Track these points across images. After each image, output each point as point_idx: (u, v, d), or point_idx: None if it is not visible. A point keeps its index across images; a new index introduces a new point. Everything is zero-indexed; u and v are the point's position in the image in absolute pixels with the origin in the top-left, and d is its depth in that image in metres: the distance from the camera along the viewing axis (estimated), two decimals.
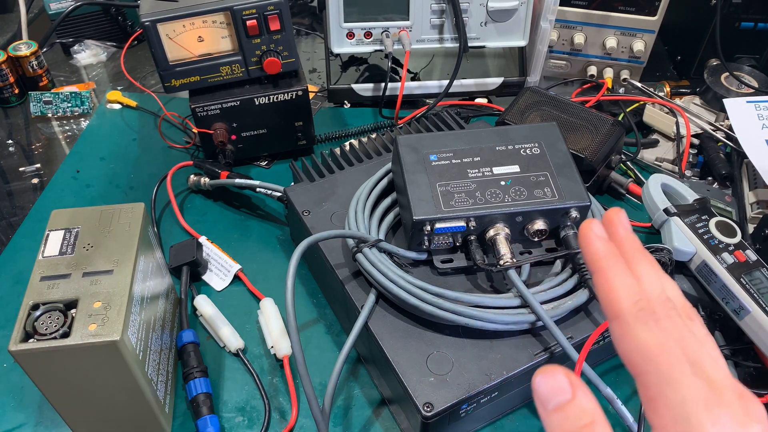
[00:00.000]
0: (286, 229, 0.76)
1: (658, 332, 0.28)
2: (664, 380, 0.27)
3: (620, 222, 0.33)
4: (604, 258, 0.31)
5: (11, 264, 0.72)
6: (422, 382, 0.51)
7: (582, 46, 0.92)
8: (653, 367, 0.28)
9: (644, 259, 0.32)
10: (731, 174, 0.77)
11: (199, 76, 0.75)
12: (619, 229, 0.33)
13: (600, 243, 0.32)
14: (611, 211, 0.34)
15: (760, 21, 0.88)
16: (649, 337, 0.28)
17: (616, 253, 0.32)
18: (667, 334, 0.28)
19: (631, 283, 0.30)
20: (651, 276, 0.31)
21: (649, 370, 0.28)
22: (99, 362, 0.47)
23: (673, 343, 0.28)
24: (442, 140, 0.61)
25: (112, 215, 0.54)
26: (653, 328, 0.29)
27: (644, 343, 0.28)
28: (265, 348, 0.63)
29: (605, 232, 0.33)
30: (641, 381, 0.28)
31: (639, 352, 0.28)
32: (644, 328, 0.29)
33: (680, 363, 0.28)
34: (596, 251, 0.32)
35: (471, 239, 0.58)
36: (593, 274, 0.32)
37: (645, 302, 0.29)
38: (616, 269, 0.31)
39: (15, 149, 0.89)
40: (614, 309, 0.30)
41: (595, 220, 0.33)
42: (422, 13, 0.85)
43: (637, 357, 0.28)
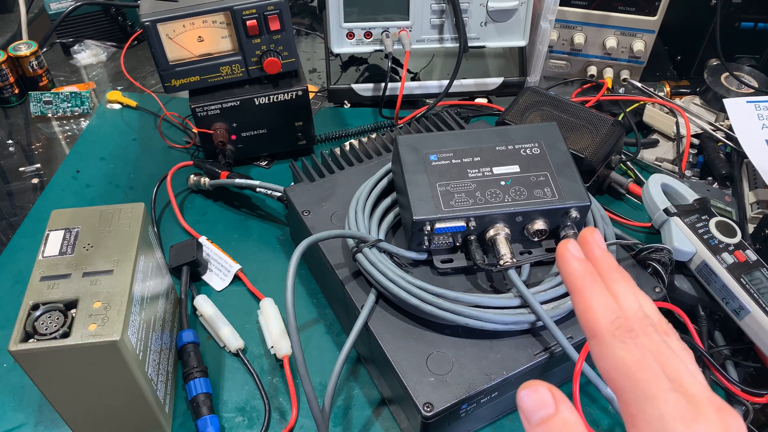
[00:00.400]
0: (286, 229, 0.76)
1: (635, 349, 0.29)
2: (642, 396, 0.28)
3: (595, 241, 0.34)
4: (581, 277, 0.32)
5: (11, 264, 0.72)
6: (422, 382, 0.51)
7: (582, 46, 0.92)
8: (632, 383, 0.28)
9: (620, 278, 0.32)
10: (731, 174, 0.77)
11: (199, 76, 0.75)
12: (595, 248, 0.34)
13: (576, 263, 0.33)
14: (586, 231, 0.34)
15: (760, 21, 0.88)
16: (627, 355, 0.29)
17: (593, 272, 0.32)
18: (645, 351, 0.29)
19: (608, 301, 0.31)
20: (627, 293, 0.32)
21: (628, 386, 0.28)
22: (99, 362, 0.47)
23: (651, 359, 0.29)
24: (442, 140, 0.61)
25: (112, 215, 0.54)
26: (631, 345, 0.29)
27: (622, 360, 0.29)
28: (265, 348, 0.63)
29: (581, 251, 0.33)
30: (621, 398, 0.29)
31: (617, 370, 0.29)
32: (622, 346, 0.29)
33: (658, 379, 0.28)
34: (573, 271, 0.32)
35: (471, 239, 0.58)
36: (571, 294, 0.32)
37: (622, 320, 0.30)
38: (593, 288, 0.31)
39: (15, 149, 0.89)
40: (592, 328, 0.30)
41: (571, 240, 0.34)
42: (422, 13, 0.85)
43: (616, 374, 0.29)
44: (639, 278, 0.59)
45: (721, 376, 0.56)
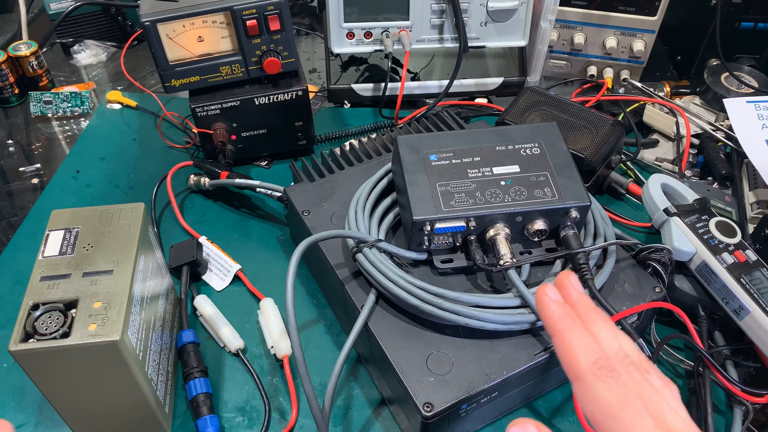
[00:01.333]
0: (286, 229, 0.76)
1: (618, 389, 0.29)
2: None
3: (572, 285, 0.34)
4: (560, 320, 0.32)
5: (11, 264, 0.72)
6: (422, 382, 0.51)
7: (582, 46, 0.92)
8: (616, 423, 0.28)
9: (599, 319, 0.33)
10: (731, 174, 0.77)
11: (199, 76, 0.75)
12: (572, 291, 0.34)
13: (555, 306, 0.33)
14: (562, 276, 0.35)
15: (760, 21, 0.88)
16: (610, 395, 0.29)
17: (572, 314, 0.33)
18: (628, 390, 0.29)
19: (589, 342, 0.31)
20: (607, 334, 0.32)
21: (613, 427, 0.28)
22: (99, 362, 0.47)
23: (634, 399, 0.29)
24: (442, 140, 0.61)
25: (112, 215, 0.54)
26: (613, 385, 0.29)
27: (605, 400, 0.29)
28: (265, 348, 0.63)
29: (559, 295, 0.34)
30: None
31: (601, 411, 0.29)
32: (605, 386, 0.29)
33: (642, 418, 0.28)
34: (552, 314, 0.33)
35: (471, 239, 0.58)
36: (552, 338, 0.33)
37: (604, 360, 0.30)
38: (572, 331, 0.32)
39: (15, 149, 0.89)
40: (574, 369, 0.31)
41: (548, 285, 0.34)
42: (422, 13, 0.85)
43: (600, 415, 0.29)
44: (639, 278, 0.59)
45: (721, 376, 0.56)
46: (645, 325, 0.62)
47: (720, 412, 0.58)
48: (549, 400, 0.59)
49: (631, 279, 0.59)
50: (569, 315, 0.33)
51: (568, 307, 0.33)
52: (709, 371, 0.57)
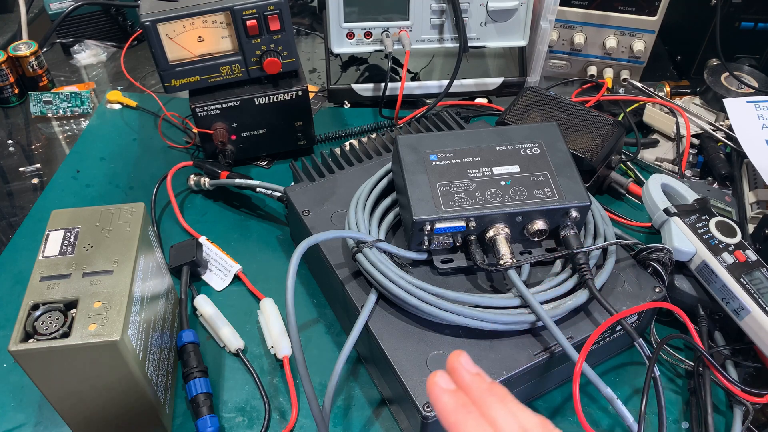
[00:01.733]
0: (286, 229, 0.76)
1: None
2: None
3: (462, 367, 0.32)
4: (453, 412, 0.30)
5: (11, 264, 0.72)
6: (422, 382, 0.51)
7: (582, 46, 0.92)
8: None
9: (494, 401, 0.31)
10: (731, 174, 0.77)
11: (199, 76, 0.75)
12: (464, 375, 0.32)
13: (447, 396, 0.31)
14: (452, 358, 0.32)
15: (760, 21, 0.88)
16: None
17: (465, 402, 0.31)
18: None
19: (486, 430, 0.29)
20: (504, 416, 0.30)
21: None
22: (99, 362, 0.47)
23: None
24: (442, 140, 0.61)
25: (112, 215, 0.54)
26: None
27: None
28: (265, 348, 0.63)
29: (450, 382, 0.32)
30: None
31: None
32: None
33: None
34: (444, 406, 0.31)
35: (471, 239, 0.58)
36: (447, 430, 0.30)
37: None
38: (467, 422, 0.30)
39: (15, 149, 0.89)
40: None
41: (438, 372, 0.32)
42: (422, 13, 0.85)
43: None
44: (639, 278, 0.59)
45: (721, 376, 0.56)
46: (645, 325, 0.62)
47: (720, 412, 0.58)
48: (549, 400, 0.59)
49: (631, 279, 0.59)
50: (462, 404, 0.31)
51: (461, 395, 0.31)
52: (709, 371, 0.57)
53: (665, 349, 0.62)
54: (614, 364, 0.62)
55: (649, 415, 0.57)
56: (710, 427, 0.54)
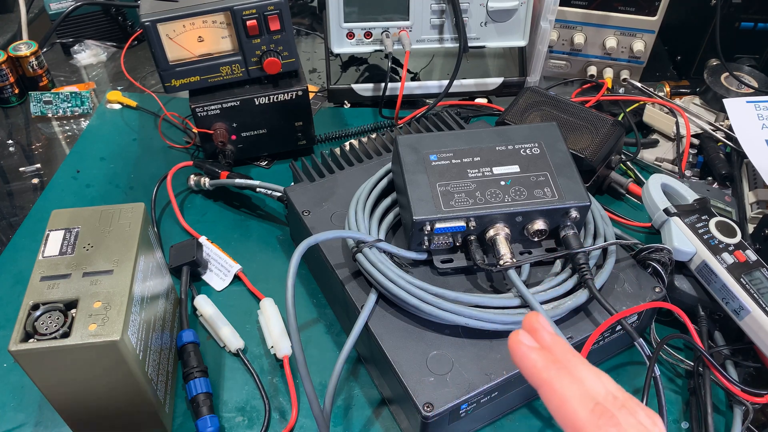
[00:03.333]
0: (286, 229, 0.76)
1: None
2: None
3: (543, 327, 0.32)
4: (545, 369, 0.30)
5: (11, 264, 0.72)
6: (422, 382, 0.51)
7: (582, 46, 0.92)
8: None
9: (578, 361, 0.31)
10: (731, 174, 0.77)
11: (199, 76, 0.75)
12: (545, 335, 0.32)
13: (535, 354, 0.31)
14: (531, 319, 0.32)
15: (760, 21, 0.88)
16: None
17: (555, 360, 0.31)
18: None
19: (580, 390, 0.30)
20: (591, 378, 0.30)
21: None
22: (99, 362, 0.47)
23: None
24: (442, 140, 0.61)
25: (112, 215, 0.54)
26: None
27: None
28: (265, 348, 0.63)
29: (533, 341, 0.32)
30: None
31: None
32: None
33: None
34: (534, 364, 0.31)
35: (471, 239, 0.58)
36: (538, 388, 0.30)
37: (600, 408, 0.29)
38: (561, 379, 0.30)
39: (15, 149, 0.89)
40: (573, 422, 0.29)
41: (520, 332, 0.32)
42: (422, 13, 0.85)
43: None
44: (639, 278, 0.59)
45: (721, 376, 0.56)
46: (645, 325, 0.62)
47: (720, 412, 0.58)
48: None
49: (631, 279, 0.59)
50: (552, 362, 0.31)
51: (548, 353, 0.31)
52: (709, 371, 0.57)
53: (665, 349, 0.62)
54: (614, 364, 0.62)
55: None
56: (710, 426, 0.55)
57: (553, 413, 0.30)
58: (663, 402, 0.53)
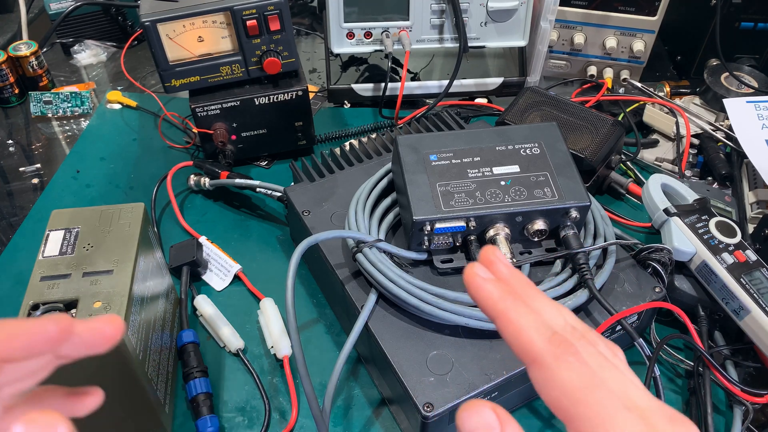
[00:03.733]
0: (286, 229, 0.76)
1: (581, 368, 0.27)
2: (598, 421, 0.25)
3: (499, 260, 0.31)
4: (501, 300, 0.29)
5: (11, 264, 0.72)
6: (422, 382, 0.51)
7: (582, 46, 0.92)
8: (584, 408, 0.26)
9: (536, 293, 0.30)
10: (731, 174, 0.77)
11: (199, 76, 0.75)
12: (501, 267, 0.31)
13: (491, 285, 0.30)
14: (487, 251, 0.31)
15: (760, 21, 0.88)
16: (575, 376, 0.27)
17: (511, 291, 0.30)
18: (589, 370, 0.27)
19: (537, 319, 0.28)
20: (550, 309, 0.30)
21: (581, 413, 0.26)
22: (99, 362, 0.46)
23: (598, 380, 0.27)
24: (442, 140, 0.61)
25: (112, 215, 0.54)
26: (575, 364, 0.27)
27: (571, 383, 0.26)
28: (265, 348, 0.63)
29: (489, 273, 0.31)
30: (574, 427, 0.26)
31: (567, 396, 0.26)
32: (567, 367, 0.27)
33: (611, 398, 0.26)
34: (489, 294, 0.30)
35: (471, 239, 0.58)
36: (495, 320, 0.29)
37: (558, 337, 0.28)
38: (518, 309, 0.29)
39: (15, 149, 0.89)
40: (531, 352, 0.28)
41: (475, 264, 0.31)
42: (422, 13, 0.85)
43: (566, 401, 0.26)
44: (639, 278, 0.59)
45: (721, 376, 0.56)
46: (645, 325, 0.62)
47: (720, 412, 0.58)
48: None
49: (631, 279, 0.59)
50: (509, 292, 0.29)
51: (504, 285, 0.30)
52: (709, 371, 0.57)
53: (665, 349, 0.62)
54: None
55: None
56: (710, 427, 0.54)
57: (510, 344, 0.29)
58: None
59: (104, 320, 0.33)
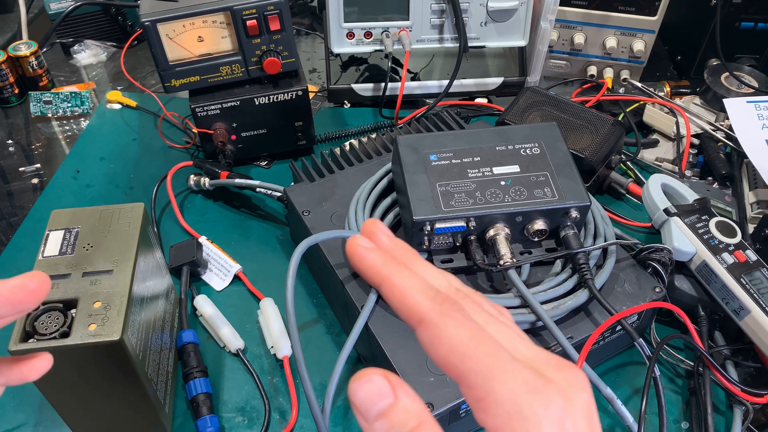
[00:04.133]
0: (286, 229, 0.76)
1: (467, 323, 0.27)
2: (488, 374, 0.25)
3: (381, 230, 0.31)
4: (384, 265, 0.29)
5: (11, 264, 0.72)
6: (422, 382, 0.51)
7: (582, 46, 0.92)
8: (474, 363, 0.26)
9: (419, 260, 0.31)
10: (731, 174, 0.77)
11: (199, 76, 0.75)
12: (383, 237, 0.31)
13: (374, 254, 0.30)
14: (368, 223, 0.32)
15: (760, 21, 0.88)
16: (462, 331, 0.26)
17: (394, 257, 0.30)
18: (475, 325, 0.27)
19: (421, 282, 0.28)
20: (433, 273, 0.30)
21: (471, 367, 0.26)
22: (99, 362, 0.46)
23: (485, 334, 0.26)
24: (442, 140, 0.61)
25: (112, 215, 0.54)
26: (461, 319, 0.27)
27: (458, 339, 0.26)
28: (265, 348, 0.63)
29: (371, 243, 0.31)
30: (465, 383, 0.26)
31: (456, 352, 0.26)
32: (454, 323, 0.27)
33: (498, 351, 0.26)
34: (373, 262, 0.29)
35: (471, 239, 0.58)
36: (379, 288, 0.29)
37: (443, 296, 0.28)
38: (401, 273, 0.29)
39: (15, 149, 0.89)
40: (416, 312, 0.28)
41: (357, 235, 0.31)
42: (422, 13, 0.85)
43: (455, 357, 0.26)
44: (639, 278, 0.59)
45: (721, 376, 0.56)
46: (645, 325, 0.62)
47: (720, 412, 0.58)
48: None
49: (631, 279, 0.59)
50: (392, 258, 0.29)
51: (387, 252, 0.30)
52: (709, 371, 0.57)
53: (665, 349, 0.62)
54: (614, 364, 0.62)
55: (649, 415, 0.57)
56: (710, 427, 0.54)
57: (397, 310, 0.29)
58: (663, 402, 0.53)
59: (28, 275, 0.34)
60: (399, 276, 0.29)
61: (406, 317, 0.28)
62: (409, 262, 0.30)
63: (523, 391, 0.24)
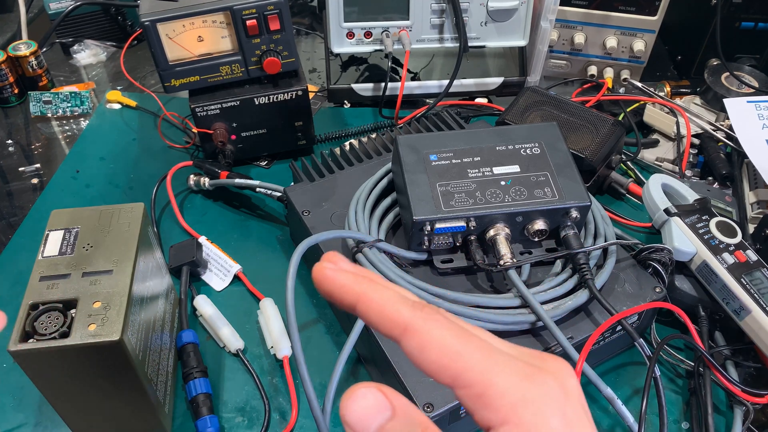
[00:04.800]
0: (286, 229, 0.76)
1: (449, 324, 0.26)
2: (484, 368, 0.25)
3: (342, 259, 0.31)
4: (357, 283, 0.29)
5: (11, 264, 0.72)
6: (422, 382, 0.51)
7: (582, 46, 0.92)
8: (467, 359, 0.25)
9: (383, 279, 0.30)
10: (731, 174, 0.77)
11: (198, 76, 0.75)
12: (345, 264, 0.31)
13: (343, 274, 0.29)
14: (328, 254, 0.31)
15: (760, 21, 0.88)
16: (449, 333, 0.26)
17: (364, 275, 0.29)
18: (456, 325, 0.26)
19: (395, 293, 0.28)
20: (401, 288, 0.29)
21: (465, 364, 0.25)
22: (99, 362, 0.46)
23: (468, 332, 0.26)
24: (442, 140, 0.61)
25: (111, 215, 0.54)
26: (444, 321, 0.26)
27: (447, 339, 0.26)
28: (265, 348, 0.63)
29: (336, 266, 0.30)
30: (461, 382, 0.25)
31: (447, 352, 0.26)
32: (438, 326, 0.26)
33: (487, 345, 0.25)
34: (345, 281, 0.29)
35: (471, 239, 0.57)
36: (354, 306, 0.29)
37: (420, 303, 0.27)
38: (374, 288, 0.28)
39: (15, 149, 0.89)
40: (399, 323, 0.27)
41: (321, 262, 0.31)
42: (422, 13, 0.85)
43: (447, 358, 0.25)
44: (639, 278, 0.59)
45: (722, 376, 0.56)
46: (645, 325, 0.62)
47: (720, 412, 0.58)
48: None
49: (632, 279, 0.59)
50: (362, 276, 0.29)
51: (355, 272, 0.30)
52: (710, 371, 0.57)
53: (665, 350, 0.62)
54: (614, 364, 0.62)
55: (650, 416, 0.57)
56: (710, 427, 0.54)
57: (375, 325, 0.28)
58: (663, 402, 0.53)
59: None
60: (373, 291, 0.28)
61: (388, 330, 0.28)
62: (377, 279, 0.29)
63: (521, 379, 0.24)
